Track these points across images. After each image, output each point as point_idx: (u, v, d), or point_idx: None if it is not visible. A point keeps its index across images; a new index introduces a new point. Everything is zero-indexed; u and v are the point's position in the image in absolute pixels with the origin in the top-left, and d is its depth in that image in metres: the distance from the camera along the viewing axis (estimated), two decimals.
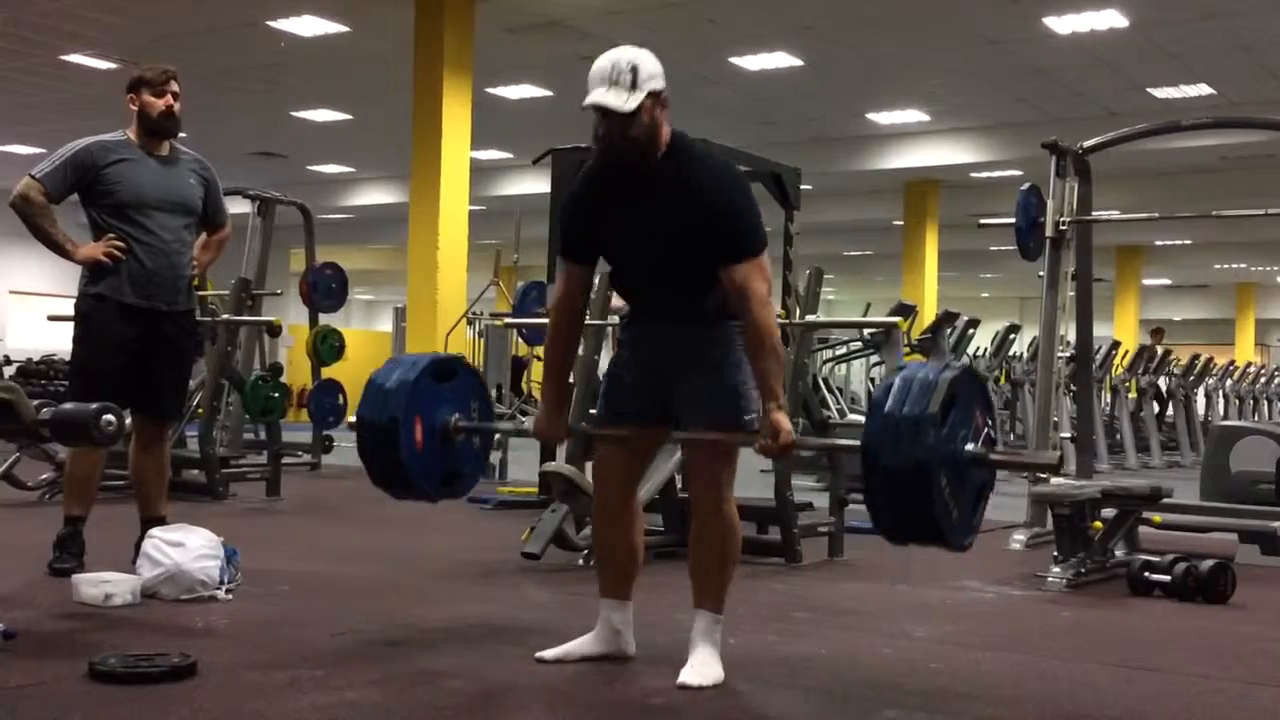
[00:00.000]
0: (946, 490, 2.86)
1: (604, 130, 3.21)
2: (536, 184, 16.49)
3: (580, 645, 3.47)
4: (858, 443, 2.96)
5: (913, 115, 15.66)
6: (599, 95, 3.13)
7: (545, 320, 3.55)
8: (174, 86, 4.65)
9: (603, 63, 3.18)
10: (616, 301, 5.82)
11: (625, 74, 3.15)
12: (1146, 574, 5.04)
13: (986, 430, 3.02)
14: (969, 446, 2.95)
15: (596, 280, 4.51)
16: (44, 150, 4.91)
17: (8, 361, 16.56)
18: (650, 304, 3.42)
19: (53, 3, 11.45)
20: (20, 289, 22.25)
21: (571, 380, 4.57)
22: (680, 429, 3.37)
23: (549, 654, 3.44)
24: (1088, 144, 6.91)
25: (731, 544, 3.38)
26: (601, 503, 3.49)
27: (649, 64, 3.20)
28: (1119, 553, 5.56)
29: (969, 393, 2.99)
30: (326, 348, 10.25)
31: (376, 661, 3.43)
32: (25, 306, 21.88)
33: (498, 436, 10.33)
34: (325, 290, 10.32)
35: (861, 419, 9.84)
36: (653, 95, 3.18)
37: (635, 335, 3.46)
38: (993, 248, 24.10)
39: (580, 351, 5.05)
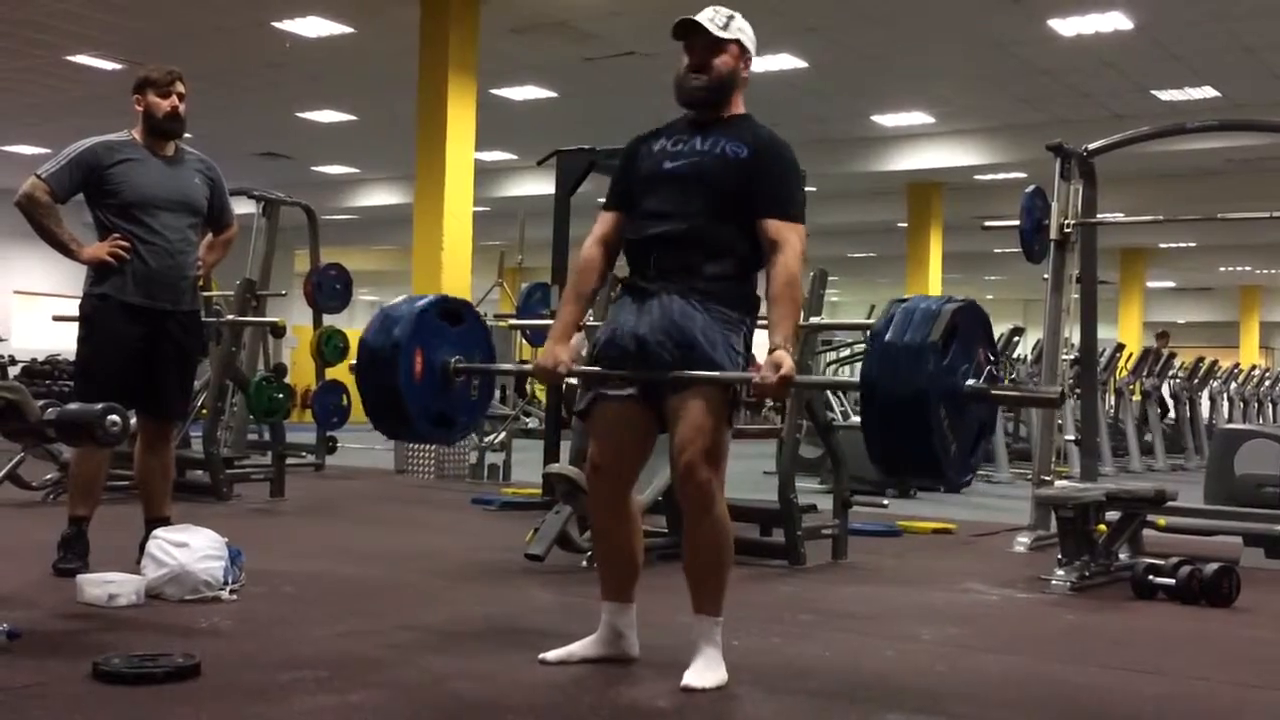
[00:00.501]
0: (945, 421, 2.82)
1: (688, 59, 3.35)
2: (541, 185, 16.51)
3: (583, 647, 3.47)
4: (856, 380, 2.96)
5: (917, 117, 15.66)
6: (696, 17, 3.29)
7: (549, 322, 3.54)
8: (179, 87, 4.66)
9: (703, 9, 3.37)
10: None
11: (722, 15, 3.37)
12: (1151, 577, 5.03)
13: (989, 368, 2.99)
14: (970, 381, 2.92)
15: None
16: (49, 150, 4.92)
17: (13, 362, 16.58)
18: (650, 264, 3.32)
19: (58, 3, 11.48)
20: (25, 289, 22.28)
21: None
22: (665, 410, 3.27)
23: (552, 656, 3.44)
24: (1092, 146, 6.91)
25: (724, 545, 3.34)
26: (596, 503, 3.48)
27: (744, 22, 3.43)
28: (1123, 556, 5.55)
29: (971, 326, 2.97)
30: (330, 348, 10.26)
31: (380, 663, 3.43)
32: (30, 307, 21.91)
33: (499, 437, 10.36)
34: (329, 291, 10.32)
35: None
36: (741, 45, 3.37)
37: (625, 311, 3.35)
38: (997, 250, 24.10)
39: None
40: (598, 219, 3.49)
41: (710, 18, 3.36)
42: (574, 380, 3.61)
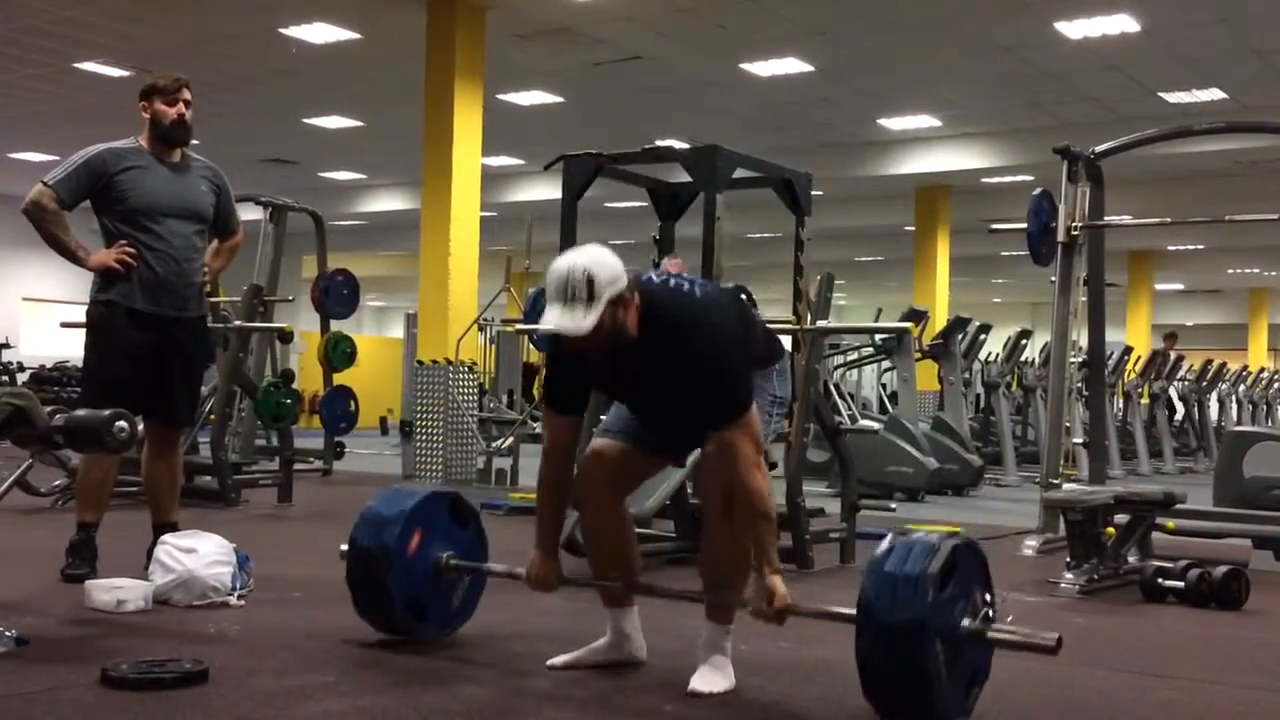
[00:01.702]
0: (941, 657, 2.81)
1: (565, 344, 3.12)
2: (548, 190, 16.56)
3: (590, 652, 3.47)
4: (853, 610, 2.91)
5: (924, 120, 15.65)
6: (554, 319, 2.99)
7: None
8: (186, 94, 4.67)
9: (558, 274, 3.01)
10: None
11: (581, 288, 2.97)
12: (1160, 580, 5.02)
13: (985, 610, 2.98)
14: (966, 621, 2.91)
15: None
16: (56, 157, 4.93)
17: (21, 368, 16.61)
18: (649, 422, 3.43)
19: (65, 11, 11.51)
20: (33, 296, 22.33)
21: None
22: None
23: (559, 661, 3.44)
24: (1099, 149, 6.90)
25: (744, 556, 3.36)
26: (588, 508, 3.49)
27: (604, 270, 3.00)
28: (1132, 559, 5.54)
29: (969, 564, 2.98)
30: (338, 354, 10.28)
31: (387, 667, 3.43)
32: (38, 313, 21.95)
33: (506, 443, 10.36)
34: (337, 296, 10.35)
35: (873, 424, 9.84)
36: (612, 302, 3.01)
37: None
38: (1004, 253, 24.06)
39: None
40: (551, 424, 3.38)
41: (570, 307, 2.98)
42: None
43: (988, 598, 3.03)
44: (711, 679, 3.23)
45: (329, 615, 4.22)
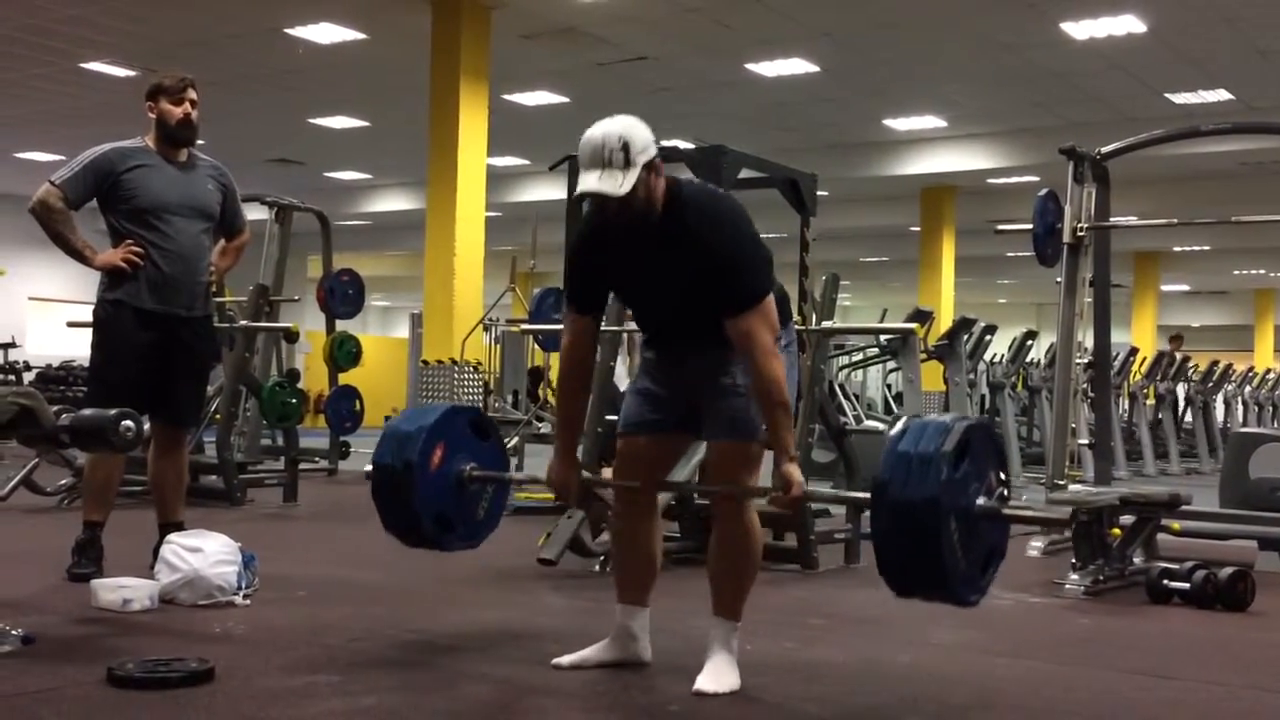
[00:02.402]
0: (955, 535, 2.82)
1: (600, 208, 3.20)
2: (553, 190, 16.55)
3: (596, 651, 3.47)
4: (867, 495, 2.93)
5: (929, 121, 15.64)
6: (592, 183, 3.08)
7: (561, 327, 3.56)
8: (192, 94, 4.67)
9: (593, 139, 3.11)
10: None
11: (617, 153, 3.07)
12: (1165, 581, 5.01)
13: (1000, 490, 2.98)
14: (980, 500, 2.91)
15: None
16: (63, 157, 4.94)
17: (27, 367, 16.62)
18: (665, 340, 3.44)
19: (72, 10, 11.53)
20: (39, 295, 22.36)
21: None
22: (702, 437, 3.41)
23: (565, 660, 3.44)
24: (1106, 149, 6.88)
25: (752, 552, 3.38)
26: (621, 508, 3.49)
27: (639, 136, 3.11)
28: (1137, 560, 5.53)
29: (983, 445, 2.97)
30: (343, 353, 10.28)
31: (393, 667, 3.44)
32: (44, 313, 21.98)
33: (511, 444, 10.35)
34: (342, 296, 10.35)
35: (878, 425, 9.84)
36: (646, 168, 3.11)
37: (654, 359, 3.48)
38: (1010, 254, 24.04)
39: (597, 358, 5.05)
40: (568, 322, 3.43)
41: (607, 172, 3.07)
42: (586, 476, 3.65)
43: (1002, 476, 3.03)
44: (718, 678, 3.23)
45: (335, 614, 4.23)
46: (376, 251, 25.64)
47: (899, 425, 3.01)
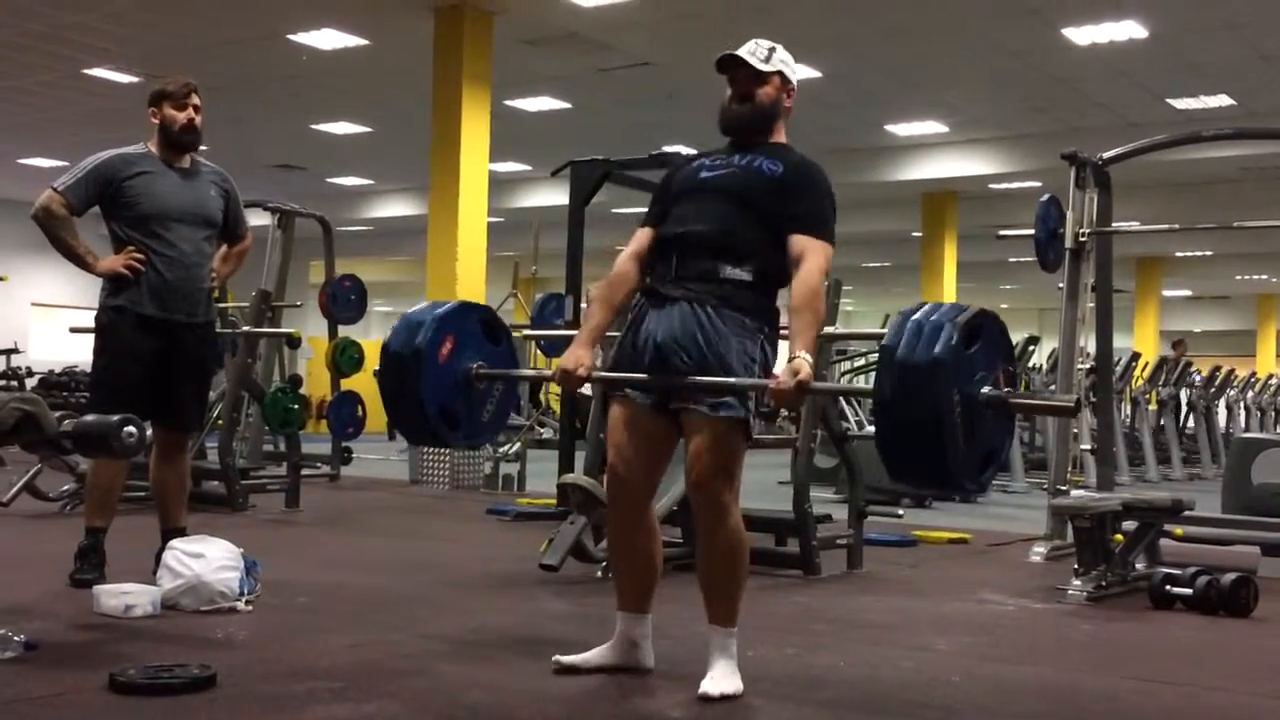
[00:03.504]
0: (959, 410, 2.76)
1: (731, 90, 3.44)
2: (555, 196, 16.55)
3: (597, 655, 3.46)
4: (867, 389, 2.94)
5: (931, 126, 15.64)
6: (735, 50, 3.39)
7: (564, 333, 3.55)
8: (195, 100, 4.68)
9: (745, 43, 3.45)
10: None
11: (763, 49, 3.44)
12: (1168, 587, 5.00)
13: (1007, 388, 2.94)
14: (986, 389, 2.87)
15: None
16: (66, 163, 4.94)
17: (30, 373, 16.65)
18: (672, 267, 3.35)
19: (75, 16, 11.54)
20: (42, 301, 22.38)
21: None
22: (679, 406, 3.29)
23: (566, 659, 3.43)
24: (1107, 155, 6.89)
25: (738, 557, 3.33)
26: (615, 513, 3.48)
27: (786, 54, 3.47)
28: (1140, 566, 5.52)
29: (994, 335, 2.95)
30: (346, 359, 10.27)
31: (395, 673, 3.44)
32: (47, 318, 22.02)
33: (513, 449, 10.36)
34: (344, 302, 10.35)
35: None
36: (783, 76, 3.44)
37: (642, 320, 3.38)
38: (1011, 259, 24.04)
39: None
40: (634, 235, 3.53)
41: (752, 51, 3.43)
42: (588, 391, 3.62)
43: (1010, 371, 3.00)
44: (720, 683, 3.23)
45: (337, 620, 4.23)
46: (379, 257, 25.65)
47: (906, 311, 2.97)
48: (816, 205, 3.35)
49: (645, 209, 3.64)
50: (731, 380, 3.20)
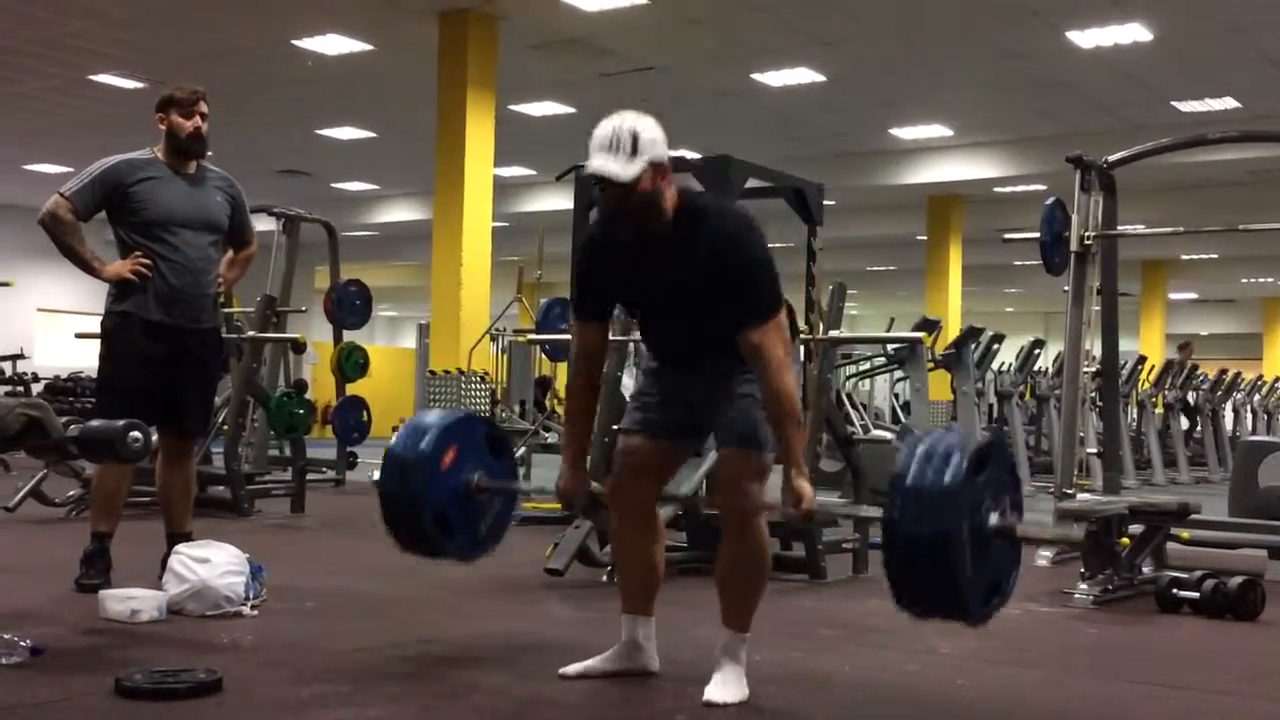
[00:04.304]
0: (968, 540, 2.76)
1: (604, 198, 3.21)
2: (559, 201, 16.53)
3: (602, 661, 3.47)
4: (879, 512, 2.88)
5: (936, 130, 15.64)
6: (598, 163, 3.10)
7: (568, 337, 3.56)
8: (203, 107, 4.68)
9: (603, 130, 3.14)
10: None
11: (625, 141, 3.10)
12: (1175, 591, 5.00)
13: (1013, 519, 2.93)
14: (994, 518, 2.86)
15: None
16: (72, 169, 4.94)
17: (35, 378, 16.65)
18: (670, 352, 3.44)
19: (81, 22, 11.57)
20: (48, 306, 22.42)
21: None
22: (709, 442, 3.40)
23: (571, 670, 3.44)
24: (1112, 158, 6.87)
25: (761, 564, 3.37)
26: (620, 517, 3.48)
27: (650, 131, 3.14)
28: (1147, 569, 5.52)
29: (1002, 465, 2.95)
30: (351, 364, 10.30)
31: (400, 677, 3.44)
32: (53, 324, 22.04)
33: (519, 452, 10.36)
34: (349, 307, 10.36)
35: (885, 434, 9.82)
36: (653, 164, 3.12)
37: (659, 369, 3.48)
38: (1017, 262, 24.01)
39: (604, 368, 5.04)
40: (577, 331, 3.42)
41: (612, 147, 3.10)
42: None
43: (1017, 501, 2.99)
44: (726, 689, 3.23)
45: (342, 625, 4.23)
46: (384, 262, 25.67)
47: (917, 434, 3.00)
48: (751, 285, 3.16)
49: None
50: (744, 502, 3.26)
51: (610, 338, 4.08)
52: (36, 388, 16.37)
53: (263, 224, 6.63)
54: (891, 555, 2.83)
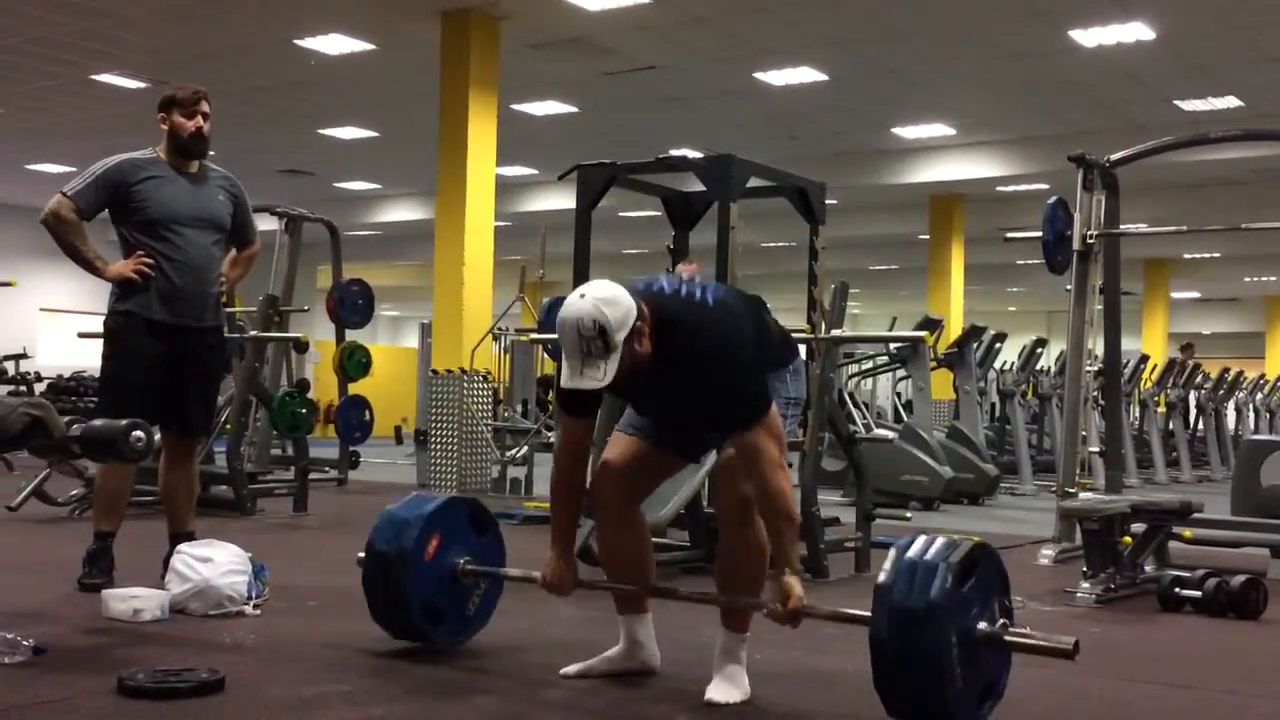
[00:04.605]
0: (956, 652, 2.78)
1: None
2: (562, 200, 16.55)
3: (604, 661, 3.47)
4: (868, 612, 2.87)
5: (938, 129, 15.63)
6: (576, 380, 3.01)
7: None
8: (204, 107, 4.69)
9: (568, 330, 2.98)
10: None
11: (595, 341, 2.97)
12: (1177, 589, 5.00)
13: (1002, 620, 2.95)
14: (983, 625, 2.88)
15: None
16: (74, 169, 4.95)
17: (38, 378, 16.67)
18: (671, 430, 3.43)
19: (83, 23, 11.57)
20: (50, 306, 22.44)
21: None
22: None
23: (573, 669, 3.44)
24: (1115, 157, 6.88)
25: (759, 560, 3.36)
26: (604, 517, 3.48)
27: (614, 313, 2.98)
28: (1149, 568, 5.52)
29: (989, 568, 2.97)
30: (353, 363, 10.31)
31: (403, 677, 3.44)
32: (55, 323, 22.06)
33: (520, 453, 10.37)
34: (352, 306, 10.38)
35: (888, 433, 9.83)
36: (627, 340, 3.01)
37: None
38: (1019, 261, 23.99)
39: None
40: (565, 427, 3.39)
41: (589, 363, 2.99)
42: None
43: (1006, 605, 3.01)
44: (727, 689, 3.23)
45: (344, 625, 4.23)
46: (386, 261, 25.68)
47: (907, 539, 2.99)
48: (738, 395, 3.10)
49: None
50: (736, 599, 3.30)
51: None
52: (39, 387, 16.38)
53: (265, 223, 6.64)
54: (880, 671, 2.84)
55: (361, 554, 3.72)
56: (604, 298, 3.00)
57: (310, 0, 11.01)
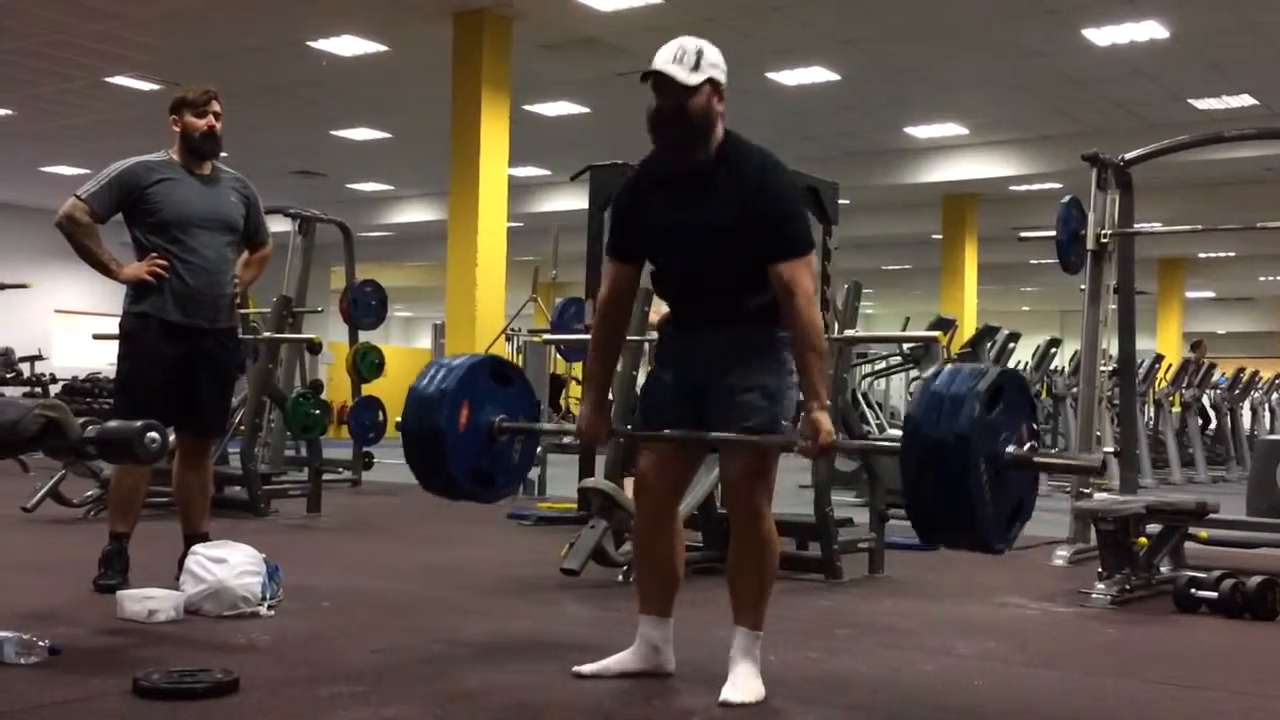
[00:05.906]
0: (985, 476, 2.81)
1: (660, 105, 3.23)
2: (574, 201, 16.55)
3: (619, 661, 3.46)
4: (897, 444, 2.94)
5: (951, 129, 15.61)
6: (662, 62, 3.20)
7: (584, 337, 3.56)
8: (215, 107, 4.70)
9: (669, 45, 3.25)
10: (653, 316, 5.82)
11: (690, 55, 3.21)
12: (1193, 590, 4.97)
13: (1030, 443, 2.99)
14: (1010, 448, 2.91)
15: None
16: (88, 171, 4.96)
17: (53, 380, 16.71)
18: (692, 307, 3.38)
19: (96, 25, 11.62)
20: (65, 308, 22.53)
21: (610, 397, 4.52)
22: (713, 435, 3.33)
23: (587, 669, 3.44)
24: (1129, 156, 6.85)
25: (769, 560, 3.36)
26: (642, 518, 3.48)
27: (714, 53, 3.26)
28: (1164, 569, 5.49)
29: (1016, 394, 2.98)
30: (366, 365, 10.32)
31: (416, 678, 3.44)
32: (70, 325, 22.14)
33: (539, 449, 10.37)
34: (365, 307, 10.39)
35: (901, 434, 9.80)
36: (713, 82, 3.23)
37: (672, 349, 3.44)
38: (1033, 261, 23.94)
39: (619, 366, 5.04)
40: (606, 272, 3.47)
41: (678, 57, 3.22)
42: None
43: (1033, 427, 3.03)
44: (742, 689, 3.22)
45: (359, 625, 4.24)
46: (399, 262, 25.73)
47: (934, 369, 3.02)
48: (787, 222, 3.22)
49: None
50: (758, 439, 3.23)
51: (628, 337, 4.07)
52: (54, 389, 16.43)
53: (278, 225, 6.65)
54: (913, 502, 2.88)
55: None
56: (710, 45, 3.27)
57: (322, 2, 11.05)
